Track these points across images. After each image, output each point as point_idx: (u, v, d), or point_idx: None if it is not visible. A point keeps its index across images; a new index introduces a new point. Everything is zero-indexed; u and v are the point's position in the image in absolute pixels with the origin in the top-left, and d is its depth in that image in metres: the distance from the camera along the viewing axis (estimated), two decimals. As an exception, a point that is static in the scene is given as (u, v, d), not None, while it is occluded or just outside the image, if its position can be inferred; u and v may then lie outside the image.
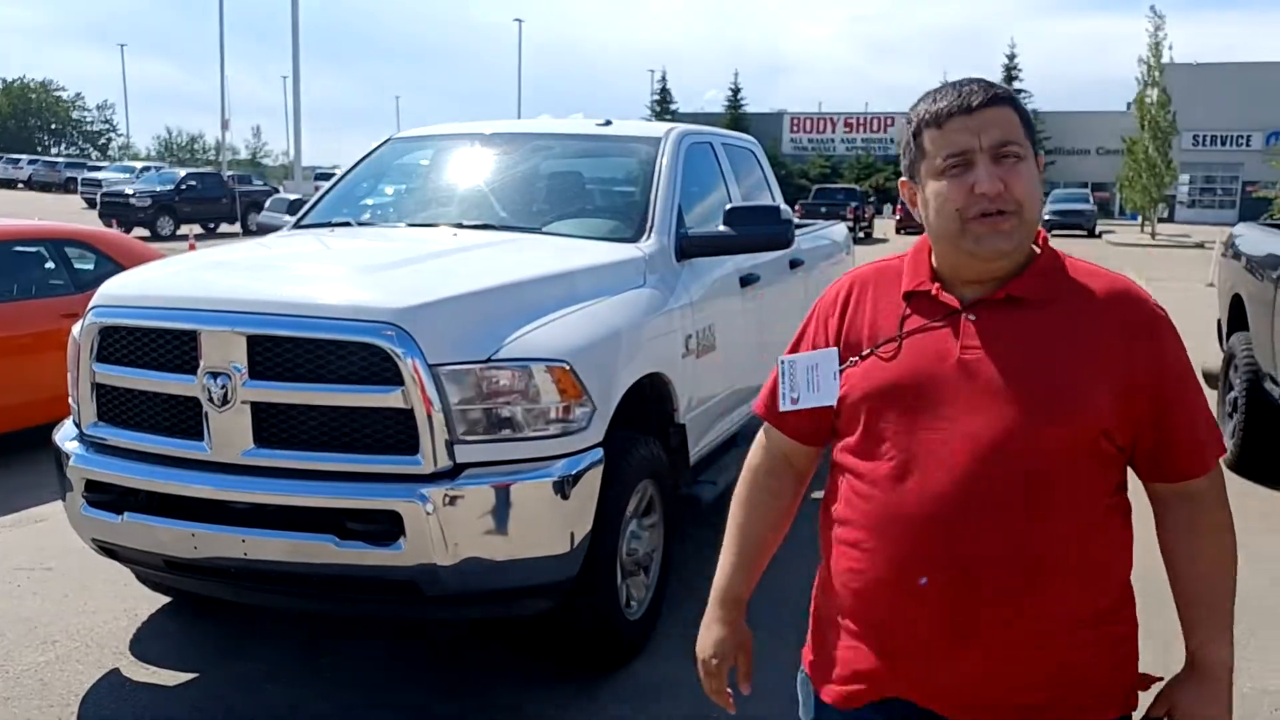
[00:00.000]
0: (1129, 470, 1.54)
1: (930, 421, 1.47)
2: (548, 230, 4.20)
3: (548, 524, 3.10)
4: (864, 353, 1.57)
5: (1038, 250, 1.55)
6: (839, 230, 7.30)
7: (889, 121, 55.22)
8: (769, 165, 5.90)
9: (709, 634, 1.83)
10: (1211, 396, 6.92)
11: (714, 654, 1.81)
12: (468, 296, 3.19)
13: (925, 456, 1.46)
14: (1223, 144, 47.31)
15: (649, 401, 3.85)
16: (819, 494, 1.75)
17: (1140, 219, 37.68)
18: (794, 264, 5.51)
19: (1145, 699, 1.58)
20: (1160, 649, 1.76)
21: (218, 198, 28.48)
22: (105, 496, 3.27)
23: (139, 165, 41.60)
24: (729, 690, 1.83)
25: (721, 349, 4.37)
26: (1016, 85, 51.30)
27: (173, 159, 73.26)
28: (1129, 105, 44.44)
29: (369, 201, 4.72)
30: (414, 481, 2.98)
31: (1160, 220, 37.63)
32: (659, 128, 4.77)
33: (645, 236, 4.07)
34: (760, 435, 1.82)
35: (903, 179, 1.60)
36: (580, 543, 3.20)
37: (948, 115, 1.48)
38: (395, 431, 3.00)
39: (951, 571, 1.44)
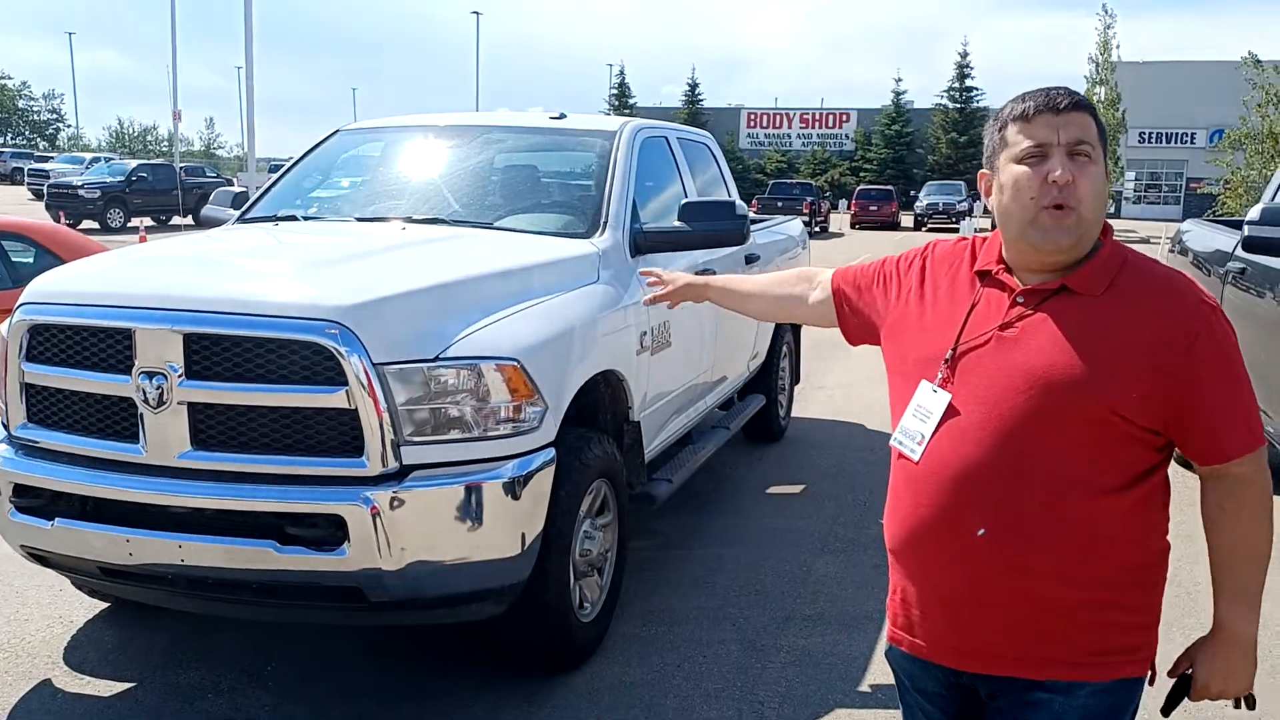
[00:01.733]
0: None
1: (957, 387, 1.66)
2: (500, 225, 4.11)
3: (498, 526, 3.03)
4: (958, 331, 1.71)
5: (1101, 244, 1.68)
6: (795, 225, 7.28)
7: (844, 118, 55.52)
8: (724, 160, 5.86)
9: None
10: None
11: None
12: (414, 293, 3.10)
13: (943, 420, 1.66)
14: (1168, 141, 48.07)
15: (602, 399, 3.79)
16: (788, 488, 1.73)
17: (1090, 215, 38.14)
18: (750, 259, 5.47)
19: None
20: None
21: (169, 190, 27.96)
22: (35, 501, 3.14)
23: (88, 156, 40.68)
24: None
25: (676, 345, 4.31)
26: (968, 82, 51.88)
27: (124, 150, 71.68)
28: (1078, 103, 44.96)
29: (316, 195, 4.60)
30: (358, 484, 2.89)
31: (1108, 216, 38.17)
32: (614, 121, 4.70)
33: (599, 232, 4.00)
34: (824, 276, 2.12)
35: (981, 170, 1.75)
36: (531, 545, 3.13)
37: (1036, 112, 1.63)
38: (339, 433, 2.91)
39: (944, 530, 1.65)
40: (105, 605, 3.96)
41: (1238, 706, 1.73)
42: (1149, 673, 1.70)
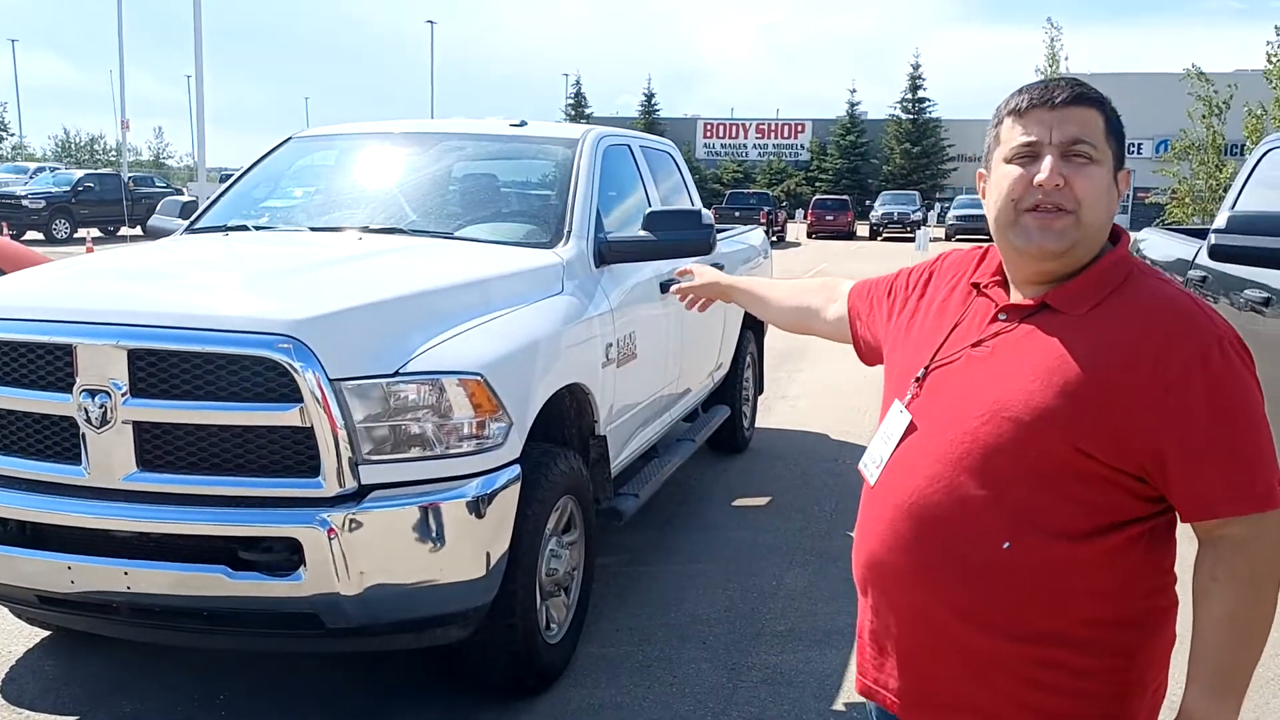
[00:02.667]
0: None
1: (923, 403, 1.54)
2: (460, 235, 4.00)
3: (462, 547, 2.91)
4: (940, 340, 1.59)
5: (1102, 257, 1.49)
6: (756, 235, 7.23)
7: (800, 128, 55.93)
8: (687, 169, 5.79)
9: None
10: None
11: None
12: (372, 306, 2.98)
13: (900, 442, 1.55)
14: (1116, 152, 49.06)
15: (567, 413, 3.69)
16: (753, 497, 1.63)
17: (1041, 224, 38.72)
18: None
19: None
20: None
21: (117, 200, 27.37)
22: (-32, 527, 2.97)
23: (33, 166, 39.75)
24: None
25: (642, 357, 4.23)
26: (920, 94, 52.50)
27: (70, 160, 70.19)
28: (1028, 114, 45.70)
29: (268, 204, 4.45)
30: (315, 505, 2.76)
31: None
32: (576, 129, 4.60)
33: (563, 241, 3.90)
34: (844, 288, 2.02)
35: (979, 170, 1.60)
36: (496, 565, 3.02)
37: (1030, 106, 1.47)
38: (294, 452, 2.78)
39: (894, 566, 1.51)
40: (46, 634, 3.77)
41: None
42: None
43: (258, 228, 4.11)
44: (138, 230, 27.79)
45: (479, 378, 2.94)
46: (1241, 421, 1.36)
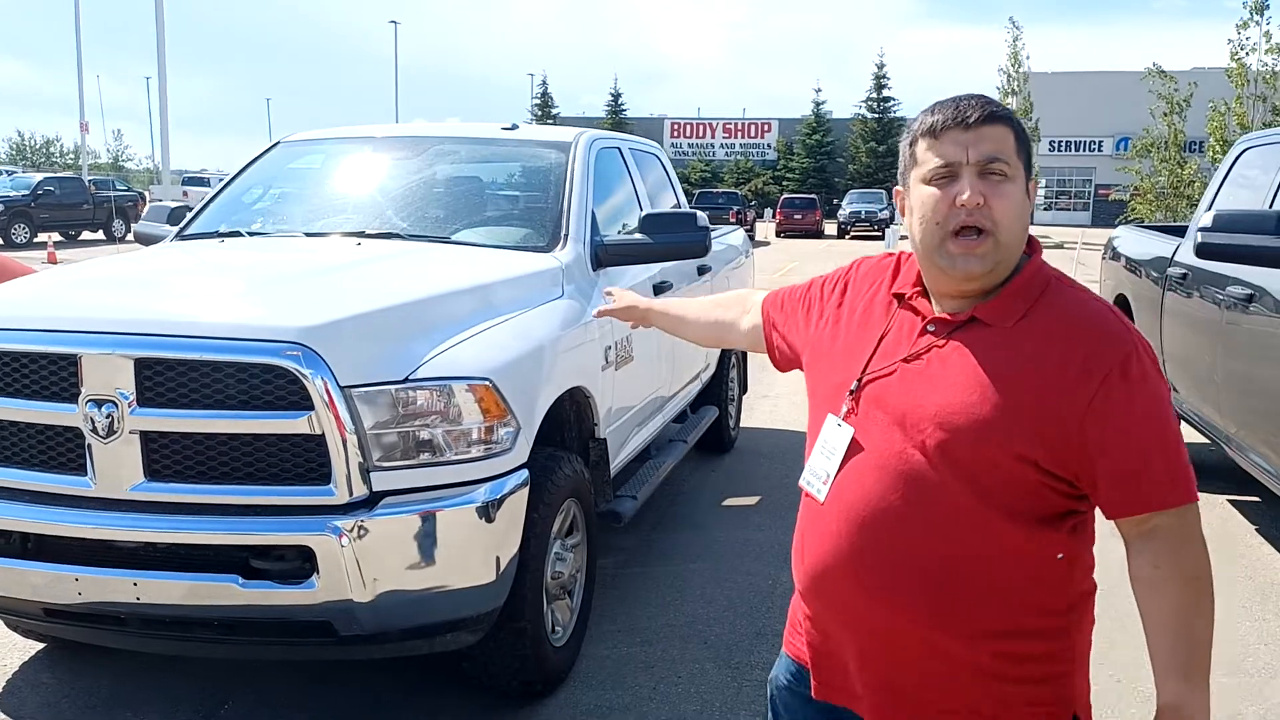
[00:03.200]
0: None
1: (863, 416, 1.57)
2: (456, 239, 3.99)
3: (472, 552, 2.92)
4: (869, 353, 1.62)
5: (1022, 269, 1.56)
6: (738, 235, 7.27)
7: (766, 127, 56.22)
8: (673, 170, 5.82)
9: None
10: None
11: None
12: (380, 312, 2.98)
13: (846, 457, 1.57)
14: (1076, 149, 49.72)
15: (568, 416, 3.70)
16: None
17: (1006, 221, 39.18)
18: (701, 270, 5.43)
19: None
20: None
21: (79, 203, 26.96)
22: (-32, 540, 2.93)
23: (-13, 169, 39.05)
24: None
25: (638, 360, 4.24)
26: (885, 93, 52.98)
27: (26, 163, 68.99)
28: (991, 112, 46.18)
29: (259, 209, 4.41)
30: (326, 513, 2.75)
31: (1024, 223, 39.26)
32: (568, 132, 4.61)
33: (561, 245, 3.91)
34: (756, 299, 2.07)
35: (896, 187, 1.65)
36: (506, 570, 3.02)
37: (944, 127, 1.51)
38: (304, 460, 2.77)
39: (847, 564, 1.54)
40: (41, 646, 3.73)
41: None
42: None
43: (252, 233, 4.08)
44: (100, 234, 27.45)
45: (488, 383, 2.94)
46: (1159, 423, 1.45)
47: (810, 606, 1.66)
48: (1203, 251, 4.10)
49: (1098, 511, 1.53)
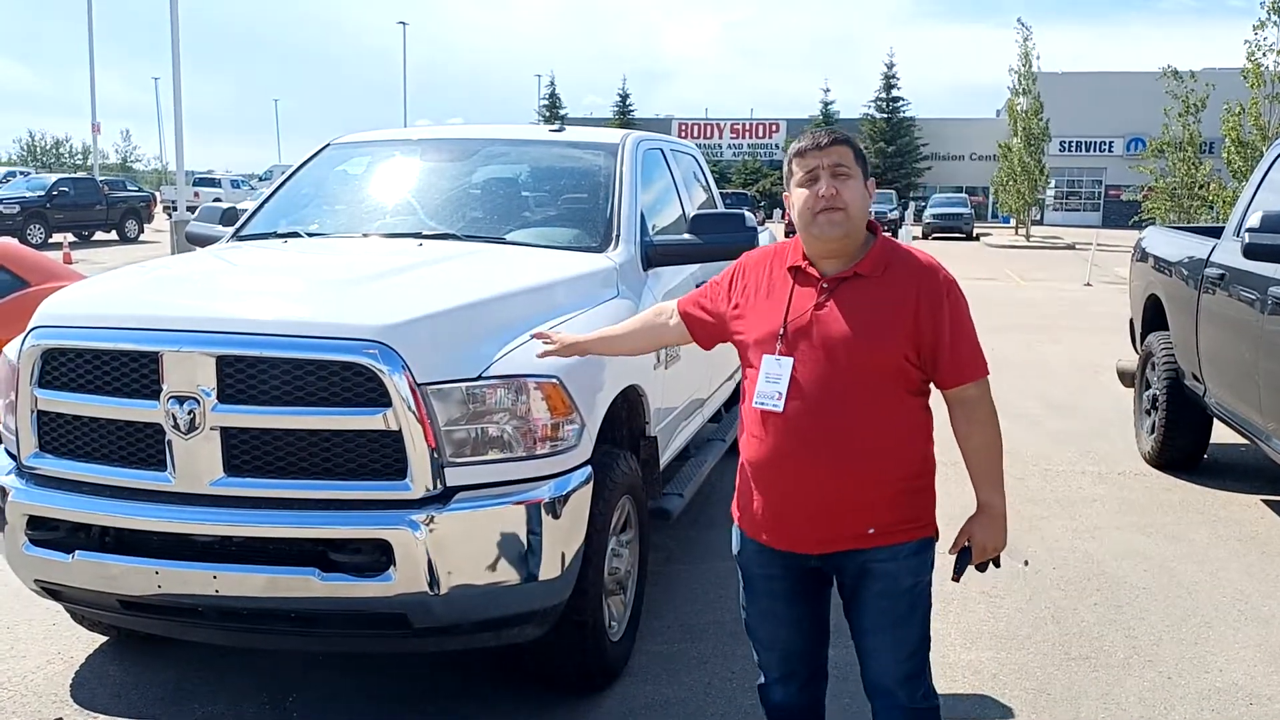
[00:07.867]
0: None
1: (794, 353, 2.27)
2: (510, 239, 4.05)
3: (541, 547, 2.97)
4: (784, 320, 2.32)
5: (875, 239, 2.34)
6: (765, 235, 7.32)
7: (774, 128, 56.20)
8: (709, 170, 5.87)
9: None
10: (1127, 395, 7.19)
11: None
12: (453, 311, 3.04)
13: (791, 376, 2.26)
14: (1087, 150, 49.67)
15: (620, 415, 3.76)
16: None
17: (1014, 221, 39.21)
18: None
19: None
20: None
21: (92, 204, 27.10)
22: (51, 534, 3.00)
23: (1, 170, 39.20)
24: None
25: (684, 359, 4.30)
26: (895, 93, 53.02)
27: (37, 164, 69.22)
28: (998, 112, 46.24)
29: (314, 210, 4.48)
30: (403, 508, 2.82)
31: (1032, 223, 39.27)
32: (614, 134, 4.67)
33: (613, 245, 3.97)
34: (671, 305, 2.70)
35: (785, 193, 2.41)
36: (571, 565, 3.08)
37: (806, 150, 2.32)
38: (381, 455, 2.84)
39: (802, 448, 2.25)
40: (104, 639, 3.80)
41: (997, 565, 2.43)
42: (936, 533, 2.38)
43: (311, 235, 4.15)
44: (112, 235, 27.57)
45: (556, 381, 3.00)
46: (968, 325, 2.31)
47: (764, 479, 2.35)
48: (1251, 252, 4.15)
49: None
